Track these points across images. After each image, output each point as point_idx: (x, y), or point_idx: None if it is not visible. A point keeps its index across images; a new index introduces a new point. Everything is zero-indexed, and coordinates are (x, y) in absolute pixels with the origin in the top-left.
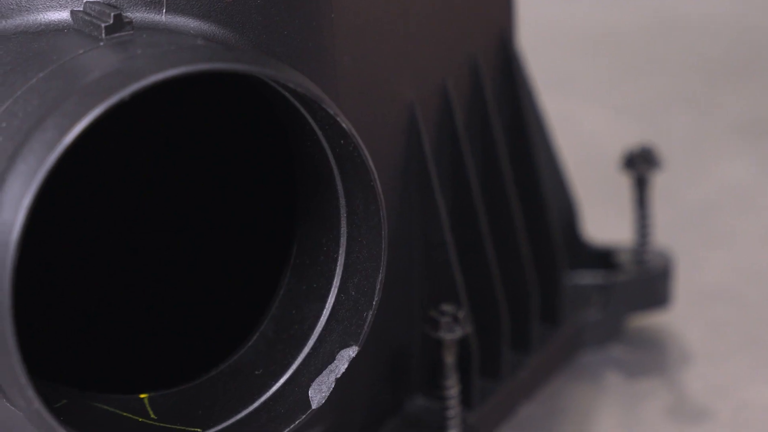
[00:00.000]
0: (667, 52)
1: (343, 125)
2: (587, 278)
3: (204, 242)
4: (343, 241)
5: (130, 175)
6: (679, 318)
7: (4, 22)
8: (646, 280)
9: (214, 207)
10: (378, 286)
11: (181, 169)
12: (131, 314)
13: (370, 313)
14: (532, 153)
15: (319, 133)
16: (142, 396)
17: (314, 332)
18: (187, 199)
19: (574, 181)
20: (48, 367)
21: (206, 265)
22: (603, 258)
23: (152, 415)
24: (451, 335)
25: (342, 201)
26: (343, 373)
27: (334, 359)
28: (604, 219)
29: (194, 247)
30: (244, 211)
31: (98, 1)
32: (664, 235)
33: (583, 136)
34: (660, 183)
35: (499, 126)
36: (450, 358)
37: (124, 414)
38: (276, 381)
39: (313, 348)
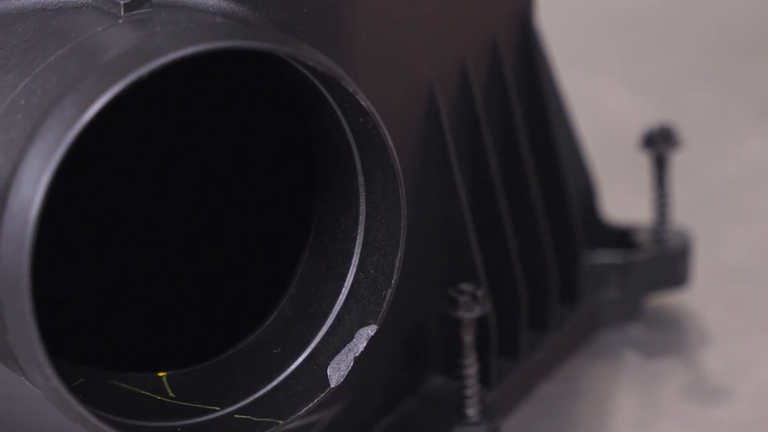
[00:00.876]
0: (688, 30)
1: (363, 103)
2: (606, 258)
3: (222, 221)
4: (362, 219)
5: (149, 153)
6: (698, 297)
7: None
8: (665, 260)
9: (233, 186)
10: (397, 265)
11: (200, 147)
12: (150, 292)
13: (389, 291)
14: (551, 132)
15: (338, 111)
16: (161, 374)
17: (333, 311)
18: (205, 177)
19: (593, 160)
20: (66, 345)
21: (225, 244)
22: (622, 237)
23: (170, 394)
24: (469, 314)
25: (361, 180)
26: (362, 352)
27: (352, 338)
28: (623, 198)
29: (213, 226)
30: (263, 191)
31: None
32: (683, 214)
33: (602, 114)
34: (679, 162)
35: (518, 105)
36: (468, 337)
37: (143, 392)
38: (294, 360)
39: (331, 327)
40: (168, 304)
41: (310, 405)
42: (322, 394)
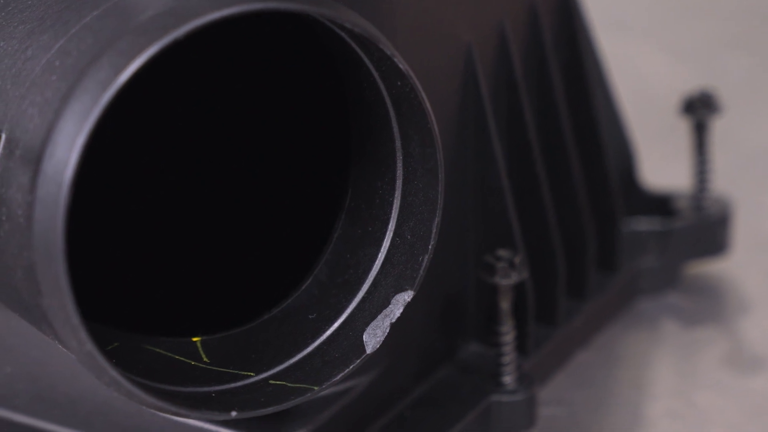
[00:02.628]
0: None
1: (400, 66)
2: (644, 225)
3: (258, 185)
4: (399, 184)
5: (185, 117)
6: (738, 265)
7: None
8: (704, 227)
9: (269, 150)
10: (434, 230)
11: (236, 111)
12: (184, 256)
13: (426, 257)
14: (589, 97)
15: (375, 74)
16: (195, 339)
17: (369, 276)
18: (241, 142)
19: (631, 126)
20: (100, 310)
21: (260, 209)
22: (661, 204)
23: (205, 359)
24: (507, 280)
25: (398, 144)
26: (398, 318)
27: (389, 303)
28: (662, 164)
29: (249, 190)
30: (299, 155)
31: None
32: (723, 181)
33: (641, 79)
34: (719, 128)
35: (556, 69)
36: (505, 304)
37: (176, 357)
38: (330, 325)
39: (367, 292)
40: (202, 269)
41: (345, 371)
42: (358, 360)
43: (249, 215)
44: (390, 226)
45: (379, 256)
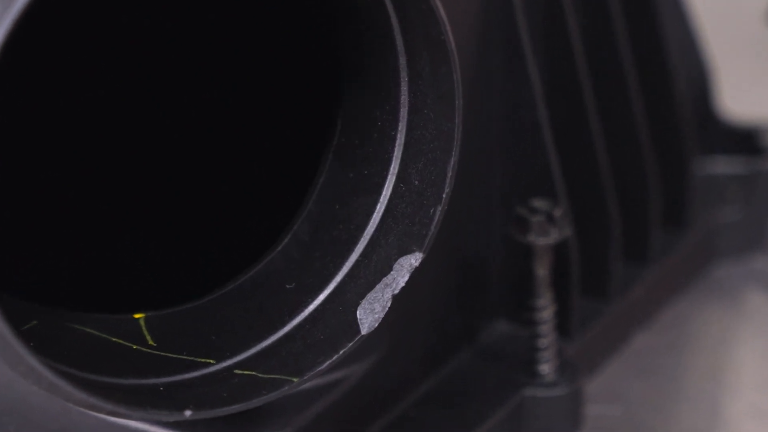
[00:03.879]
0: None
1: None
2: (724, 167)
3: (220, 116)
4: (404, 113)
5: (142, 43)
6: None
7: None
8: None
9: (232, 67)
10: (449, 173)
11: (200, 24)
12: (124, 214)
13: (439, 208)
14: (653, 6)
15: None
16: (137, 316)
17: (364, 234)
18: (198, 62)
19: (707, 42)
20: (14, 280)
21: (222, 149)
22: (744, 140)
23: (150, 342)
24: (544, 239)
25: (402, 61)
26: (402, 288)
27: (390, 270)
28: (746, 89)
29: (206, 127)
30: (270, 77)
31: None
32: None
33: None
34: None
35: None
36: (542, 271)
37: (113, 339)
38: (314, 298)
39: (362, 255)
40: (148, 229)
41: (333, 358)
42: (350, 344)
43: (207, 158)
44: (392, 169)
45: (378, 207)
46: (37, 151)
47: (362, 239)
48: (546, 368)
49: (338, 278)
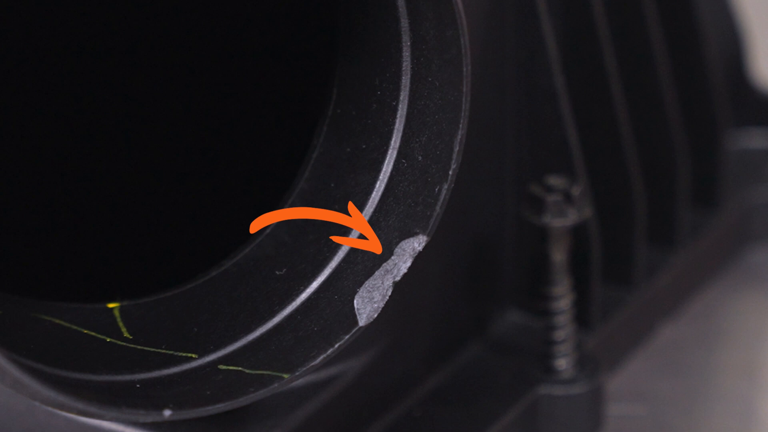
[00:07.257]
0: None
1: None
2: (759, 140)
3: (205, 90)
4: (406, 82)
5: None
6: None
7: None
8: None
9: (218, 32)
10: (456, 148)
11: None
12: (96, 192)
13: (445, 186)
14: None
15: None
16: (112, 305)
17: (362, 215)
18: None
19: (741, 5)
20: None
21: (207, 124)
22: None
23: (125, 334)
24: (560, 221)
25: (404, 23)
26: (405, 275)
27: (391, 254)
28: None
29: (188, 98)
30: (260, 43)
31: None
32: None
33: None
34: None
35: None
36: (559, 255)
37: (85, 331)
38: (306, 286)
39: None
40: (124, 209)
41: (328, 352)
42: (347, 336)
43: (188, 130)
44: (393, 143)
45: (377, 185)
46: (6, 136)
47: None
48: (563, 363)
49: (333, 264)
